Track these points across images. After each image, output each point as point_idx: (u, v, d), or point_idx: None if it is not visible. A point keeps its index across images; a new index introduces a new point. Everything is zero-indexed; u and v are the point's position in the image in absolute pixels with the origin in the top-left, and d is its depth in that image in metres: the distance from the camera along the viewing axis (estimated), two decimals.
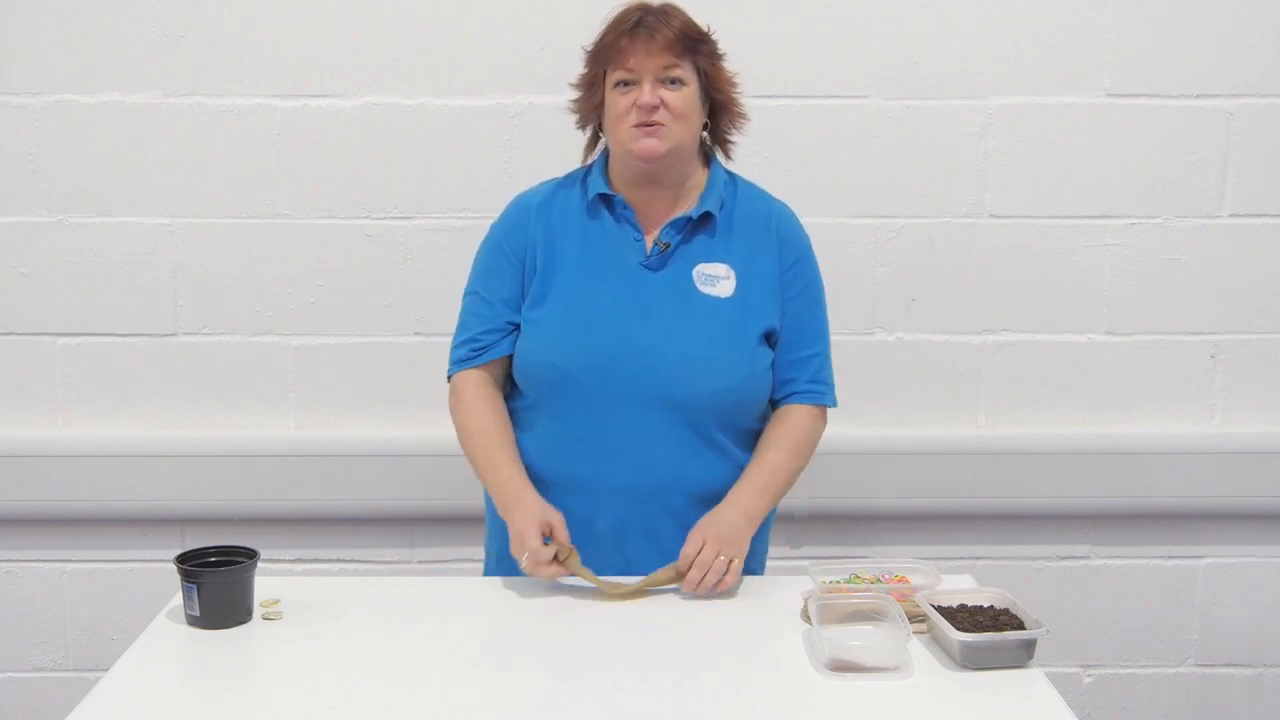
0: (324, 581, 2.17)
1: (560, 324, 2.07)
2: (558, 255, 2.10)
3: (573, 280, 2.09)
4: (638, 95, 2.01)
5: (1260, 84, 2.68)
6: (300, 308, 2.73)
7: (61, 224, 2.70)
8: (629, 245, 2.09)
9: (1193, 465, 2.75)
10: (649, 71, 2.01)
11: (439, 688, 1.69)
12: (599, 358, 2.03)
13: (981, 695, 1.68)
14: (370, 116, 2.68)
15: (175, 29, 2.64)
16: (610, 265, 2.09)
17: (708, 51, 2.06)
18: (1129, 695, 2.88)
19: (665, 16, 2.04)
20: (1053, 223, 2.73)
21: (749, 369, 2.07)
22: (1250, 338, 2.77)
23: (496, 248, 2.16)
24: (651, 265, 2.08)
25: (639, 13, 2.05)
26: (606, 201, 2.11)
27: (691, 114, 2.05)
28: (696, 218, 2.09)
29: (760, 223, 2.13)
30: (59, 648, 2.82)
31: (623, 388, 2.03)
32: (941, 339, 2.76)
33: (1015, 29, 2.67)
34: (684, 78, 2.03)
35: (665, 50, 2.00)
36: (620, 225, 2.10)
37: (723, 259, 2.09)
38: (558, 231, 2.11)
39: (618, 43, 2.03)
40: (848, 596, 1.87)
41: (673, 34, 2.01)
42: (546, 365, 2.07)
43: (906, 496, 2.75)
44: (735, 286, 2.08)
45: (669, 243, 2.08)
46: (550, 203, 2.14)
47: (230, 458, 2.72)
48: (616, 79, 2.04)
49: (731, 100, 2.12)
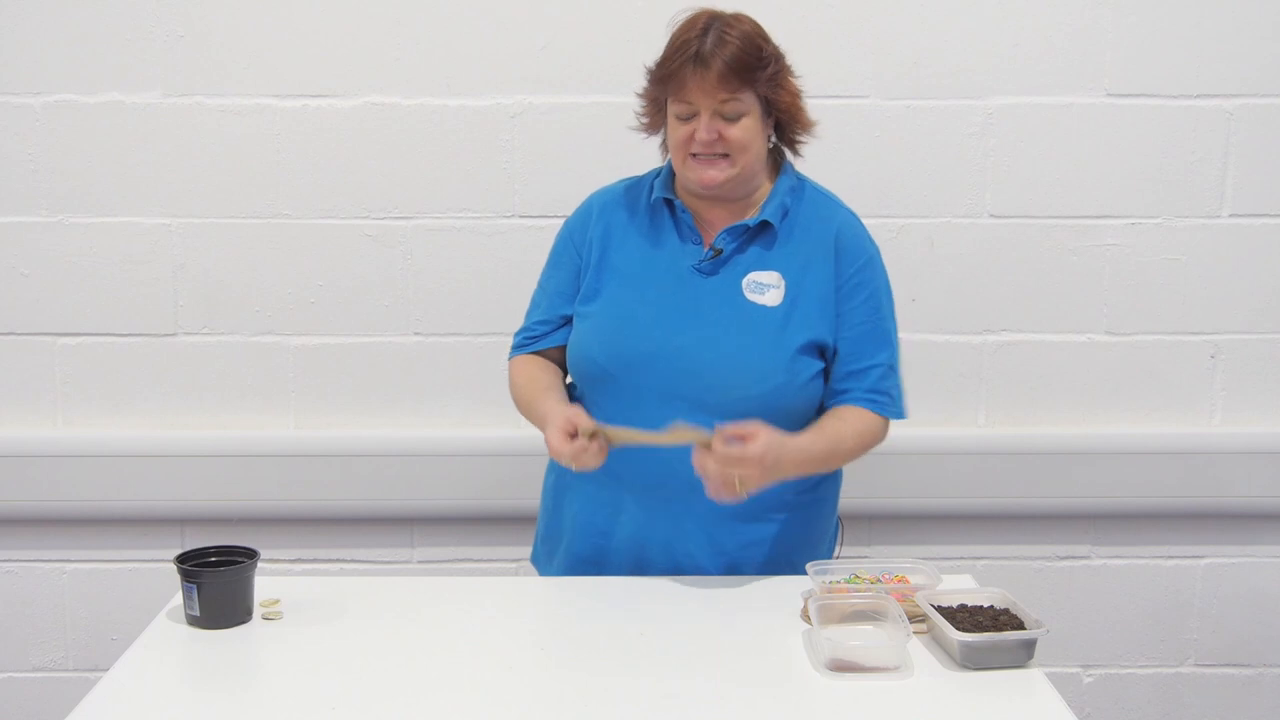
0: (324, 581, 2.17)
1: (605, 321, 2.10)
2: (614, 254, 2.13)
3: (624, 279, 2.12)
4: (694, 128, 2.00)
5: (1260, 84, 2.68)
6: (300, 308, 2.73)
7: (61, 224, 2.70)
8: (685, 249, 2.10)
9: (1193, 465, 2.75)
10: (706, 106, 1.99)
11: (439, 688, 1.70)
12: (635, 356, 2.05)
13: (981, 695, 1.68)
14: (370, 116, 2.68)
15: (175, 29, 2.64)
16: (662, 268, 2.10)
17: (766, 77, 2.01)
18: (1129, 695, 2.88)
19: (722, 40, 1.97)
20: (1053, 223, 2.73)
21: (785, 378, 2.04)
22: (1250, 338, 2.77)
23: (562, 243, 2.21)
24: (703, 270, 2.09)
25: (699, 37, 1.98)
26: (669, 205, 2.13)
27: (752, 142, 2.03)
28: (754, 225, 2.09)
29: (820, 234, 2.10)
30: (59, 648, 2.82)
31: (656, 387, 2.04)
32: (941, 339, 2.76)
33: (1015, 29, 2.67)
34: (742, 110, 2.00)
35: (720, 86, 1.97)
36: (680, 230, 2.12)
37: (775, 267, 2.08)
38: (617, 230, 2.14)
39: (676, 74, 1.99)
40: (848, 596, 1.88)
41: (728, 65, 1.95)
42: (588, 360, 2.10)
43: (906, 496, 2.75)
44: (784, 296, 2.07)
45: (722, 248, 2.08)
46: (617, 202, 2.17)
47: (230, 458, 2.72)
48: (675, 111, 2.03)
49: (796, 112, 2.09)
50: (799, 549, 2.11)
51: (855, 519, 2.77)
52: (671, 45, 2.02)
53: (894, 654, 1.74)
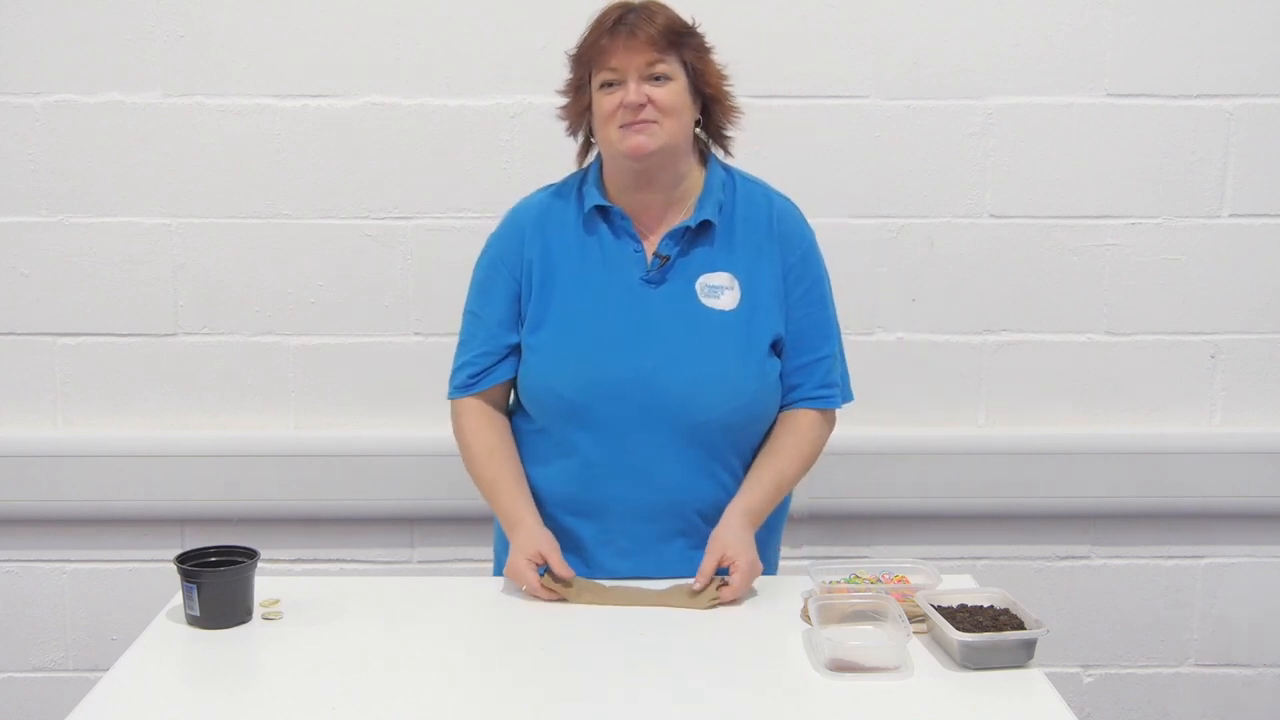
0: (324, 581, 2.17)
1: (562, 350, 2.03)
2: (555, 274, 2.06)
3: (572, 301, 2.05)
4: (623, 94, 1.97)
5: (1260, 84, 2.68)
6: (300, 308, 2.73)
7: (61, 224, 2.70)
8: (628, 258, 2.05)
9: (1193, 465, 2.75)
10: (633, 69, 1.96)
11: (438, 688, 1.69)
12: (605, 384, 2.00)
13: (981, 695, 1.68)
14: (370, 116, 2.68)
15: (175, 29, 2.64)
16: (610, 283, 2.05)
17: (694, 45, 2.01)
18: (1129, 695, 2.88)
19: (647, 13, 1.98)
20: (1053, 223, 2.73)
21: (758, 385, 2.04)
22: (1250, 338, 2.77)
23: (492, 265, 2.12)
24: (652, 280, 2.04)
25: (619, 10, 2.00)
26: (603, 213, 2.06)
27: (681, 110, 1.99)
28: (695, 226, 2.04)
29: (761, 224, 2.08)
30: (59, 648, 2.82)
31: (630, 413, 2.00)
32: (941, 339, 2.76)
33: (1015, 29, 2.67)
34: (670, 73, 1.98)
35: (648, 46, 1.96)
36: (619, 237, 2.06)
37: (725, 267, 2.05)
38: (554, 248, 2.07)
39: (599, 42, 1.99)
40: (848, 596, 1.88)
41: (655, 30, 1.96)
42: (551, 394, 2.04)
43: (906, 496, 2.75)
44: (740, 297, 2.04)
45: (669, 255, 2.04)
46: (546, 216, 2.09)
47: (230, 458, 2.72)
48: (601, 80, 2.00)
49: (722, 94, 2.06)
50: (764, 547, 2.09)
51: (855, 519, 2.78)
52: (592, 24, 2.03)
53: (894, 654, 1.74)
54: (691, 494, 2.04)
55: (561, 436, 2.05)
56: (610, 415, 2.01)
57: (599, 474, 2.03)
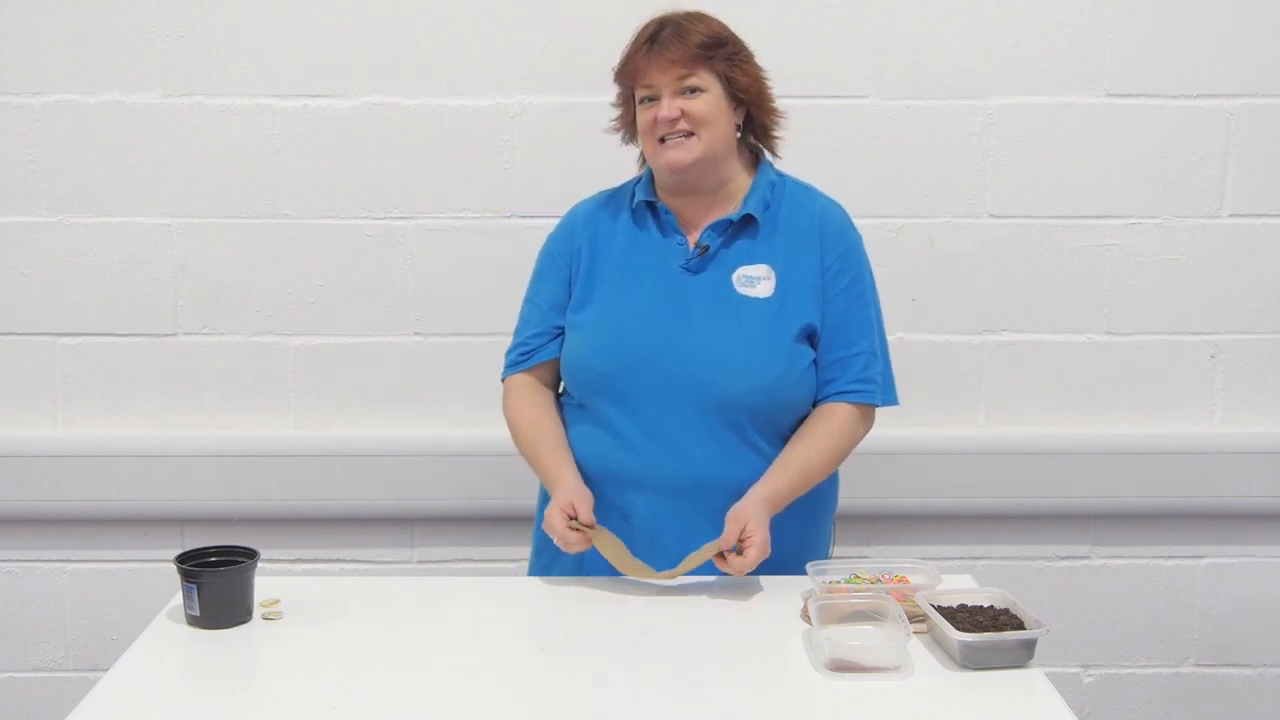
0: (324, 581, 2.17)
1: (600, 327, 2.12)
2: (601, 261, 2.16)
3: (614, 285, 2.14)
4: (658, 110, 2.05)
5: (1260, 84, 2.68)
6: (300, 308, 2.73)
7: (61, 224, 2.70)
8: (671, 249, 2.13)
9: (1193, 465, 2.75)
10: (666, 84, 2.05)
11: (438, 687, 1.69)
12: (635, 360, 2.07)
13: (981, 695, 1.68)
14: (370, 116, 2.68)
15: (175, 29, 2.64)
16: (650, 269, 2.13)
17: (725, 55, 2.08)
18: (1129, 695, 2.88)
19: (679, 30, 2.07)
20: (1053, 223, 2.73)
21: (784, 368, 2.07)
22: (1250, 338, 2.77)
23: (548, 256, 2.23)
24: (691, 268, 2.11)
25: (655, 26, 2.09)
26: (650, 208, 2.15)
27: (716, 118, 2.07)
28: (738, 220, 2.11)
29: (805, 222, 2.13)
30: (59, 648, 2.82)
31: (659, 388, 2.06)
32: (941, 339, 2.76)
33: (1015, 29, 2.67)
34: (702, 85, 2.06)
35: (676, 64, 2.04)
36: (665, 232, 2.14)
37: (764, 260, 2.10)
38: (603, 239, 2.17)
39: (634, 61, 2.08)
40: (848, 596, 1.88)
41: (685, 47, 2.04)
42: (586, 367, 2.12)
43: (906, 496, 2.75)
44: (775, 287, 2.09)
45: (709, 245, 2.10)
46: (599, 212, 2.20)
47: (230, 458, 2.72)
48: (640, 95, 2.09)
49: (761, 98, 2.13)
50: (798, 551, 2.11)
51: (855, 519, 2.77)
52: (632, 40, 2.11)
53: (894, 654, 1.74)
54: (714, 472, 2.06)
55: (595, 409, 2.12)
56: (635, 387, 2.07)
57: (626, 446, 2.08)
